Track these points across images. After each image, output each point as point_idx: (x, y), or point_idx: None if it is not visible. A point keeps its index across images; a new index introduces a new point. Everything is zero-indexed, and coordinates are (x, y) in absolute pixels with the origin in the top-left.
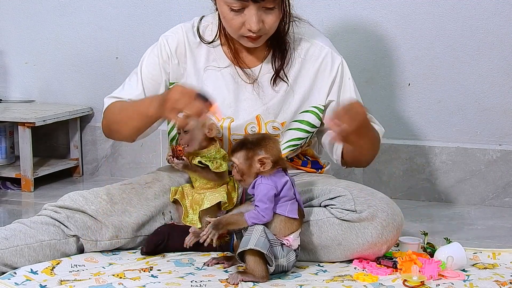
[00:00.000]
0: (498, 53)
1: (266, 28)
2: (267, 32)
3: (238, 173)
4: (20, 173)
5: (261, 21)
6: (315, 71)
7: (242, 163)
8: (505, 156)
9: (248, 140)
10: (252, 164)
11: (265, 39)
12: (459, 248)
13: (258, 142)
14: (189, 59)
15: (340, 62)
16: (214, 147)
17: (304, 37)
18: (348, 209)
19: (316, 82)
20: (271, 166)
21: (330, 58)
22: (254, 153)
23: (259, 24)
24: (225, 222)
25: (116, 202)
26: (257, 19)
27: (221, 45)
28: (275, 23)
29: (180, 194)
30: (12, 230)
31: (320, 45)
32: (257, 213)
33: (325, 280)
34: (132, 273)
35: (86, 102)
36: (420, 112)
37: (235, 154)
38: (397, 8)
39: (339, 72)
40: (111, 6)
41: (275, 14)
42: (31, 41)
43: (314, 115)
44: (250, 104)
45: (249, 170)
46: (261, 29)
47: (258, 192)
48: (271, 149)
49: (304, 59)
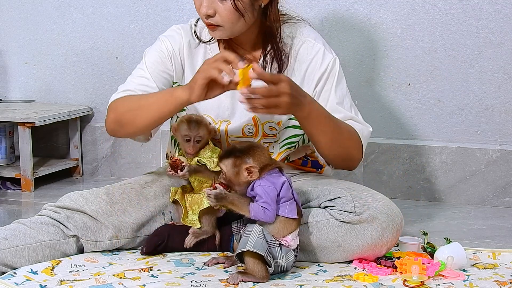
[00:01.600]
0: (498, 53)
1: (219, 19)
2: (222, 24)
3: (225, 180)
4: (20, 173)
5: (211, 8)
6: (305, 69)
7: (229, 171)
8: (505, 156)
9: (237, 148)
10: (239, 172)
11: (222, 31)
12: (459, 248)
13: (246, 151)
14: (187, 60)
15: (331, 59)
16: (208, 147)
17: (298, 36)
18: (348, 210)
19: (306, 79)
20: (258, 175)
21: (322, 55)
22: (241, 161)
23: (208, 9)
24: (228, 200)
25: (116, 202)
26: (207, 3)
27: (218, 43)
28: (228, 16)
29: (180, 195)
30: (12, 230)
31: (312, 43)
32: (264, 213)
33: (325, 280)
34: (132, 273)
35: (86, 102)
36: (420, 112)
37: (223, 161)
38: (397, 8)
39: (328, 68)
40: (111, 6)
41: (227, 6)
42: (31, 41)
43: None
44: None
45: (236, 178)
46: (213, 17)
47: (259, 193)
48: (259, 157)
49: (297, 58)
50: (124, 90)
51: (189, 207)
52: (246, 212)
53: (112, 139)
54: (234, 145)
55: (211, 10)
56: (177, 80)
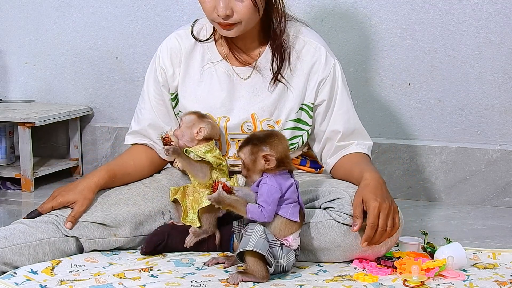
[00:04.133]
0: (498, 53)
1: (237, 17)
2: (239, 21)
3: (244, 168)
4: (20, 173)
5: (229, 8)
6: (309, 69)
7: (247, 158)
8: (505, 156)
9: (255, 136)
10: (256, 159)
11: (240, 29)
12: (459, 248)
13: (264, 139)
14: (184, 63)
15: (333, 63)
16: (206, 144)
17: (299, 36)
18: (347, 213)
19: (308, 80)
20: (275, 163)
21: (324, 57)
22: (258, 149)
23: (226, 10)
24: (227, 202)
25: (113, 203)
26: (224, 4)
27: (215, 42)
28: (246, 13)
29: (181, 194)
30: (11, 230)
31: (315, 44)
32: (260, 212)
33: (325, 280)
34: (132, 273)
35: (86, 102)
36: (420, 112)
37: (242, 149)
38: (397, 8)
39: (331, 73)
40: (111, 6)
41: (246, 3)
42: (31, 41)
43: (305, 113)
44: (245, 102)
45: (254, 166)
46: (232, 17)
47: (262, 191)
48: (276, 146)
49: (299, 58)
50: (132, 132)
51: (190, 206)
52: (244, 212)
53: (112, 139)
54: (254, 132)
55: (229, 10)
56: (175, 89)
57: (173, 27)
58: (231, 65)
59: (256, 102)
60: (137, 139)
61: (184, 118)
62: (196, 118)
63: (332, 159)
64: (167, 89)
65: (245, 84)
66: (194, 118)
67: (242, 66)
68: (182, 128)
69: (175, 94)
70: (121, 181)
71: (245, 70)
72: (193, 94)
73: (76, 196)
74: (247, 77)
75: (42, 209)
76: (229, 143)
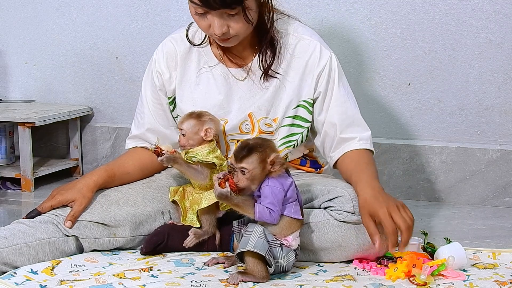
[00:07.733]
0: (498, 53)
1: (233, 32)
2: (236, 35)
3: (247, 179)
4: (20, 173)
5: (225, 26)
6: (304, 65)
7: (256, 168)
8: (505, 156)
9: (253, 144)
10: (265, 166)
11: (238, 39)
12: (459, 248)
13: (264, 144)
14: (180, 67)
15: (329, 56)
16: (208, 145)
17: (292, 33)
18: (347, 210)
19: (305, 76)
20: (280, 164)
21: (319, 52)
22: (266, 155)
23: (222, 28)
24: (233, 203)
25: (113, 203)
26: (219, 24)
27: (210, 45)
28: (241, 27)
29: (180, 195)
30: (11, 230)
31: (308, 40)
32: (270, 215)
33: (325, 280)
34: (132, 273)
35: (86, 102)
36: (420, 112)
37: (245, 160)
38: (397, 8)
39: (327, 66)
40: (111, 6)
41: (239, 19)
42: (31, 41)
43: (305, 109)
44: (242, 103)
45: (261, 173)
46: (227, 32)
47: (266, 193)
48: (275, 148)
49: (293, 54)
50: (132, 137)
51: (189, 207)
52: (251, 213)
53: (112, 139)
54: (247, 141)
55: (225, 28)
56: (172, 93)
57: (173, 27)
58: (227, 67)
59: (252, 102)
60: (137, 143)
61: (184, 126)
62: (197, 121)
63: (335, 153)
64: (164, 93)
65: (241, 85)
66: (195, 122)
67: (237, 68)
68: (188, 136)
69: (172, 98)
70: (120, 180)
71: (241, 71)
72: (190, 97)
73: (75, 195)
74: (244, 78)
75: (42, 208)
76: (228, 144)
